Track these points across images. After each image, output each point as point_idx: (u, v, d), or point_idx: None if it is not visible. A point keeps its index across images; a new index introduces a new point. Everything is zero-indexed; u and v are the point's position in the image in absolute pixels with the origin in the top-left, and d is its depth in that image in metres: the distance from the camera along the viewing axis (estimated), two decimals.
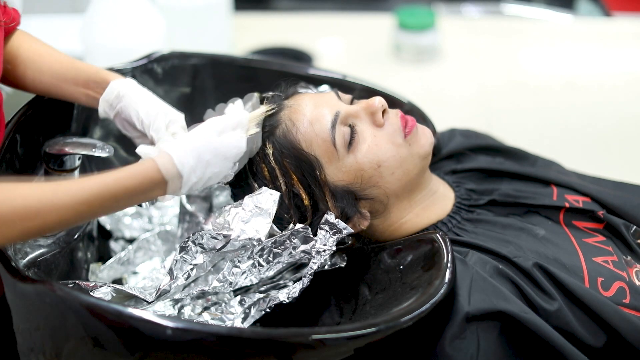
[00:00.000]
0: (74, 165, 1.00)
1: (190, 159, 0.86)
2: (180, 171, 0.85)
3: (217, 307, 0.96)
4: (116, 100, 0.97)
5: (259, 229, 0.90)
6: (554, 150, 1.35)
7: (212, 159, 0.88)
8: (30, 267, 0.90)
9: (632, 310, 0.91)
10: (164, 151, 0.85)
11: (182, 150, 0.86)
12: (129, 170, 0.83)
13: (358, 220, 0.95)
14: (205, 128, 0.90)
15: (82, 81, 0.99)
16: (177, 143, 0.87)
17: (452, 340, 0.84)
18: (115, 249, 1.16)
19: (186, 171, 0.85)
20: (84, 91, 0.99)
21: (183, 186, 0.86)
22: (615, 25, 2.16)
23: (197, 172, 0.86)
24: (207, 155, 0.87)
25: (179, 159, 0.85)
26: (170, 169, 0.85)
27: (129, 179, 0.83)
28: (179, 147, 0.86)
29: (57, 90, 1.00)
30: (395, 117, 0.97)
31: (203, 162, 0.87)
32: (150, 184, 0.84)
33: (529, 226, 0.99)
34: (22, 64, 0.99)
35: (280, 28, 2.12)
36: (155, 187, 0.85)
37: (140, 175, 0.83)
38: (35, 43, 1.01)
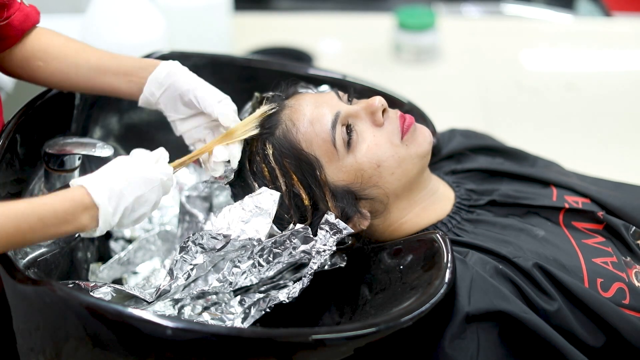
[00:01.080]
0: (74, 165, 1.00)
1: (105, 190, 0.82)
2: (95, 201, 0.81)
3: (217, 307, 0.96)
4: (167, 77, 0.97)
5: (259, 229, 0.90)
6: (554, 150, 1.35)
7: (125, 189, 0.84)
8: (30, 267, 0.90)
9: (631, 310, 0.91)
10: (76, 184, 0.83)
11: (95, 181, 0.83)
12: (57, 194, 0.81)
13: (358, 220, 0.95)
14: (123, 160, 0.88)
15: (124, 69, 0.99)
16: (89, 176, 0.84)
17: (452, 340, 0.84)
18: (115, 249, 1.16)
19: (100, 200, 0.82)
20: (125, 79, 0.99)
21: (102, 219, 0.82)
22: (615, 25, 2.16)
23: (112, 202, 0.83)
24: (120, 185, 0.84)
25: (92, 189, 0.82)
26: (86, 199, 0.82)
27: (58, 201, 0.80)
28: (92, 178, 0.83)
29: (95, 82, 1.00)
30: (395, 116, 0.97)
31: (116, 192, 0.83)
32: (79, 206, 0.80)
33: (529, 227, 0.99)
34: (56, 59, 1.00)
35: (280, 28, 2.12)
36: (84, 212, 0.81)
37: (69, 198, 0.81)
38: (68, 39, 1.02)
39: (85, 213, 0.81)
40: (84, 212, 0.81)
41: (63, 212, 0.80)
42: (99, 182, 0.83)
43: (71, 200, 0.81)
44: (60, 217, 0.80)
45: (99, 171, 0.85)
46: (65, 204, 0.80)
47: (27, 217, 0.77)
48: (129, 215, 0.85)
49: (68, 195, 0.81)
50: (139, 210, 0.86)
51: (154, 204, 0.88)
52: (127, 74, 0.99)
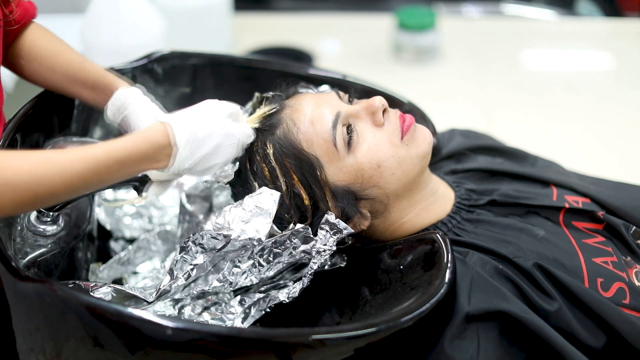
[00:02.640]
0: None
1: (186, 133, 0.85)
2: (173, 143, 0.85)
3: (217, 307, 0.96)
4: (121, 108, 0.99)
5: (259, 229, 0.90)
6: (554, 150, 1.35)
7: (206, 138, 0.87)
8: (30, 267, 0.91)
9: (631, 310, 0.91)
10: (164, 120, 0.86)
11: (180, 122, 0.86)
12: (134, 135, 0.84)
13: (358, 220, 0.95)
14: (211, 107, 0.91)
15: (90, 83, 1.01)
16: (176, 115, 0.87)
17: (452, 340, 0.84)
18: (115, 249, 1.16)
19: (179, 141, 0.85)
20: (91, 93, 1.02)
21: (176, 160, 0.86)
22: (615, 25, 2.16)
23: (189, 147, 0.86)
24: (202, 133, 0.87)
25: (176, 129, 0.84)
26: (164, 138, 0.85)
27: (134, 142, 0.82)
28: (178, 118, 0.86)
29: (67, 89, 1.02)
30: (395, 116, 0.97)
31: (197, 139, 0.86)
32: (156, 147, 0.84)
33: (529, 227, 0.99)
34: (36, 60, 1.01)
35: (280, 28, 2.12)
36: (159, 153, 0.84)
37: (148, 139, 0.83)
38: (50, 40, 1.03)
39: (162, 153, 0.84)
40: (161, 152, 0.84)
41: (141, 153, 0.83)
42: (183, 124, 0.85)
43: (149, 141, 0.83)
44: (137, 159, 0.83)
45: (187, 111, 0.88)
46: (142, 146, 0.83)
47: (105, 162, 0.80)
48: (202, 162, 0.88)
49: (148, 136, 0.84)
50: (213, 161, 0.89)
51: (227, 158, 0.91)
52: (92, 88, 1.01)
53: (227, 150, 0.90)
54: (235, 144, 0.91)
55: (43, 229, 0.96)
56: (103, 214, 1.17)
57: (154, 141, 0.84)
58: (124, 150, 0.81)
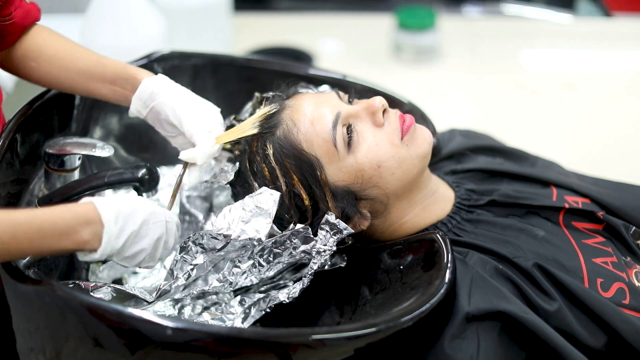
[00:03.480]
0: (74, 165, 1.00)
1: (113, 209, 0.81)
2: (102, 218, 0.80)
3: (217, 307, 0.96)
4: (150, 99, 0.96)
5: (259, 229, 0.90)
6: (554, 150, 1.35)
7: (132, 213, 0.83)
8: (30, 267, 0.90)
9: (631, 311, 0.91)
10: (85, 200, 0.82)
11: (104, 200, 0.82)
12: (62, 206, 0.80)
13: (358, 221, 0.95)
14: (134, 195, 0.88)
15: (109, 78, 0.99)
16: (99, 197, 0.84)
17: (452, 340, 0.84)
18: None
19: (106, 217, 0.80)
20: (111, 87, 0.99)
21: (105, 238, 0.80)
22: (615, 25, 2.16)
23: (119, 223, 0.81)
24: (128, 209, 0.82)
25: (100, 205, 0.80)
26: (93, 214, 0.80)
27: (59, 212, 0.78)
28: (101, 197, 0.83)
29: (83, 87, 1.00)
30: (395, 116, 0.97)
31: (123, 215, 0.82)
32: (82, 219, 0.79)
33: (529, 227, 0.99)
34: (47, 61, 0.99)
35: (280, 28, 2.12)
36: (86, 227, 0.79)
37: (72, 211, 0.79)
38: (60, 40, 1.01)
39: (87, 228, 0.79)
40: (86, 227, 0.79)
41: (63, 223, 0.78)
42: (108, 201, 0.82)
43: (74, 213, 0.79)
44: (59, 229, 0.77)
45: (109, 195, 0.85)
46: (67, 216, 0.78)
47: (25, 226, 0.75)
48: (132, 243, 0.83)
49: (72, 208, 0.80)
50: (141, 242, 0.84)
51: (155, 239, 0.86)
52: (111, 82, 0.99)
53: (155, 229, 0.85)
54: (162, 223, 0.86)
55: None
56: None
57: (81, 214, 0.79)
58: (46, 217, 0.77)
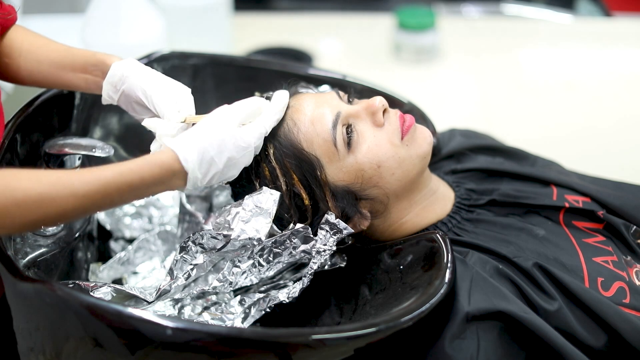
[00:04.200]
0: (74, 165, 1.00)
1: (196, 155, 0.84)
2: (185, 168, 0.83)
3: (217, 307, 0.96)
4: (120, 82, 0.96)
5: (259, 228, 0.90)
6: (554, 150, 1.35)
7: (216, 156, 0.85)
8: (30, 267, 0.90)
9: (632, 310, 0.91)
10: (168, 147, 0.84)
11: (187, 146, 0.84)
12: (145, 159, 0.82)
13: (358, 221, 0.95)
14: (220, 119, 0.88)
15: (80, 66, 0.99)
16: (182, 138, 0.85)
17: (452, 340, 0.84)
18: (115, 249, 1.16)
19: (190, 167, 0.83)
20: (82, 76, 0.99)
21: (190, 182, 0.84)
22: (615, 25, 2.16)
23: (202, 168, 0.85)
24: (211, 152, 0.85)
25: (183, 156, 0.83)
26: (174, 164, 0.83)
27: (146, 166, 0.81)
28: (184, 142, 0.84)
29: (56, 78, 1.00)
30: (395, 116, 0.97)
31: (207, 159, 0.85)
32: (169, 172, 0.82)
33: (529, 226, 0.99)
34: (20, 56, 0.99)
35: (280, 28, 2.12)
36: (173, 178, 0.83)
37: (158, 164, 0.82)
38: (30, 35, 1.01)
39: (174, 178, 0.83)
40: (173, 177, 0.83)
41: (151, 178, 0.81)
42: (191, 147, 0.83)
43: (160, 167, 0.82)
44: (148, 182, 0.81)
45: (193, 131, 0.86)
46: (154, 170, 0.81)
47: (116, 185, 0.79)
48: (217, 177, 0.87)
49: (157, 161, 0.82)
50: (228, 173, 0.88)
51: (242, 167, 0.90)
52: (82, 70, 0.99)
53: (241, 162, 0.89)
54: (249, 154, 0.89)
55: (43, 229, 0.96)
56: (103, 214, 1.17)
57: (166, 166, 0.82)
58: (135, 174, 0.80)
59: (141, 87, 0.95)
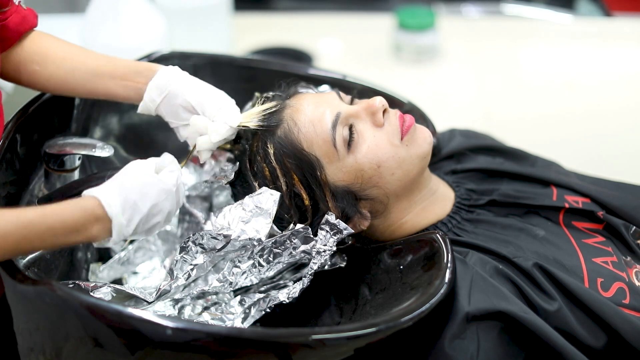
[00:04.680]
0: (74, 165, 1.00)
1: (118, 201, 0.81)
2: (108, 213, 0.80)
3: (217, 307, 0.96)
4: (167, 84, 0.96)
5: (259, 229, 0.90)
6: (554, 150, 1.35)
7: (139, 200, 0.83)
8: (30, 267, 0.90)
9: (631, 310, 0.91)
10: (89, 195, 0.82)
11: (108, 192, 0.82)
12: (69, 203, 0.80)
13: (358, 221, 0.95)
14: (136, 167, 0.87)
15: (120, 73, 0.99)
16: (103, 186, 0.83)
17: (452, 340, 0.84)
18: (115, 249, 1.16)
19: (113, 212, 0.80)
20: (122, 83, 0.99)
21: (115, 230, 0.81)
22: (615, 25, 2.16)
23: (126, 214, 0.82)
24: (134, 196, 0.83)
25: (106, 201, 0.80)
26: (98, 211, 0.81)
27: (68, 209, 0.79)
28: (105, 189, 0.82)
29: (91, 86, 0.99)
30: (395, 117, 0.97)
31: (130, 203, 0.82)
32: (91, 217, 0.79)
33: (529, 227, 0.99)
34: (53, 63, 0.99)
35: (280, 28, 2.12)
36: (95, 224, 0.80)
37: (80, 208, 0.80)
38: (64, 44, 1.01)
39: (97, 224, 0.80)
40: (95, 224, 0.80)
41: (73, 222, 0.79)
42: (112, 193, 0.81)
43: (82, 211, 0.80)
44: (69, 228, 0.79)
45: (112, 181, 0.84)
46: (76, 215, 0.79)
47: (35, 226, 0.77)
48: (142, 225, 0.84)
49: (79, 205, 0.80)
50: (153, 220, 0.85)
51: (167, 213, 0.87)
52: (123, 78, 0.99)
53: (165, 206, 0.86)
54: (171, 197, 0.87)
55: None
56: None
57: (89, 210, 0.80)
58: (57, 217, 0.78)
59: (190, 91, 0.96)
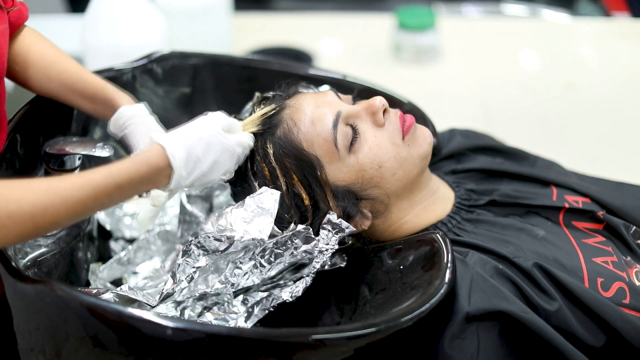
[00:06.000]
0: (74, 165, 1.00)
1: (183, 153, 0.86)
2: (172, 164, 0.85)
3: (219, 306, 0.95)
4: (123, 126, 0.99)
5: (262, 229, 0.90)
6: (554, 150, 1.35)
7: (202, 155, 0.88)
8: (30, 267, 0.90)
9: (631, 310, 0.91)
10: (157, 141, 0.86)
11: (175, 142, 0.86)
12: (133, 159, 0.84)
13: (360, 220, 0.95)
14: (206, 122, 0.91)
15: (89, 95, 1.01)
16: (170, 134, 0.87)
17: (452, 340, 0.84)
18: (115, 249, 1.16)
19: (176, 164, 0.85)
20: (90, 105, 1.01)
21: (174, 180, 0.86)
22: (615, 25, 2.16)
23: (188, 167, 0.86)
24: (198, 150, 0.87)
25: (171, 151, 0.85)
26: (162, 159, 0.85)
27: (134, 166, 0.83)
28: (173, 138, 0.86)
29: (65, 98, 1.01)
30: (395, 116, 0.97)
31: (193, 157, 0.87)
32: (155, 170, 0.84)
33: (529, 227, 0.99)
34: (31, 67, 0.99)
35: (280, 28, 2.12)
36: (159, 175, 0.85)
37: (146, 162, 0.84)
38: (45, 46, 1.01)
39: (160, 175, 0.85)
40: (159, 175, 0.85)
41: (139, 177, 0.83)
42: (177, 144, 0.85)
43: (147, 165, 0.83)
44: (137, 182, 0.83)
45: (180, 130, 0.88)
46: (142, 170, 0.83)
47: (104, 187, 0.79)
48: (200, 179, 0.88)
49: (145, 159, 0.84)
50: (211, 176, 0.90)
51: (225, 171, 0.91)
52: (91, 100, 1.01)
53: (225, 165, 0.91)
54: (232, 157, 0.92)
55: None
56: (103, 214, 1.17)
57: (153, 164, 0.84)
58: (124, 175, 0.81)
59: (141, 139, 0.97)
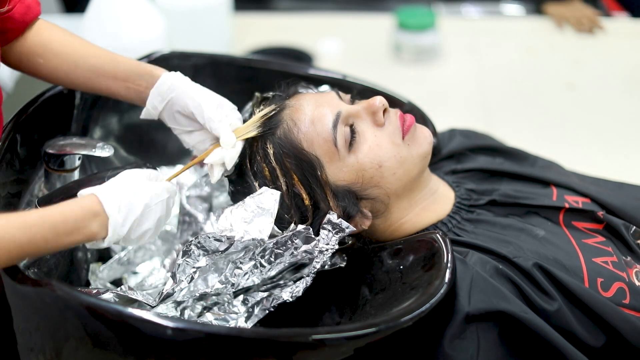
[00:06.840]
0: (74, 165, 1.00)
1: (115, 199, 0.83)
2: (106, 209, 0.82)
3: (219, 306, 0.95)
4: (169, 91, 0.97)
5: (262, 229, 0.90)
6: (554, 150, 1.35)
7: (134, 200, 0.85)
8: (30, 267, 0.90)
9: (631, 310, 0.91)
10: (87, 193, 0.84)
11: (105, 190, 0.83)
12: (67, 203, 0.81)
13: (360, 220, 0.95)
14: (130, 173, 0.88)
15: (122, 75, 0.98)
16: (100, 186, 0.85)
17: (452, 340, 0.84)
18: (115, 249, 1.16)
19: (110, 209, 0.82)
20: (124, 84, 0.99)
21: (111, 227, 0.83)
22: (616, 26, 2.16)
23: (122, 212, 0.83)
24: (129, 196, 0.84)
25: (103, 198, 0.82)
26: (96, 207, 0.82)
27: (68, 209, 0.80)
28: (102, 187, 0.84)
29: (93, 84, 0.99)
30: (395, 116, 0.97)
31: (125, 203, 0.84)
32: (89, 213, 0.81)
33: (529, 227, 0.99)
34: (56, 57, 0.98)
35: (280, 28, 2.12)
36: (93, 220, 0.81)
37: (79, 206, 0.81)
38: (67, 35, 1.00)
39: (95, 220, 0.81)
40: (94, 220, 0.81)
41: (74, 219, 0.80)
42: (109, 192, 0.83)
43: (81, 208, 0.81)
44: (71, 225, 0.80)
45: (108, 182, 0.86)
46: (76, 211, 0.80)
47: (39, 227, 0.77)
48: (135, 228, 0.85)
49: (78, 203, 0.81)
50: (145, 225, 0.86)
51: (158, 219, 0.88)
52: (124, 79, 0.99)
53: (156, 210, 0.87)
54: (163, 202, 0.88)
55: None
56: None
57: (86, 207, 0.81)
58: (57, 215, 0.79)
59: (191, 96, 0.96)
